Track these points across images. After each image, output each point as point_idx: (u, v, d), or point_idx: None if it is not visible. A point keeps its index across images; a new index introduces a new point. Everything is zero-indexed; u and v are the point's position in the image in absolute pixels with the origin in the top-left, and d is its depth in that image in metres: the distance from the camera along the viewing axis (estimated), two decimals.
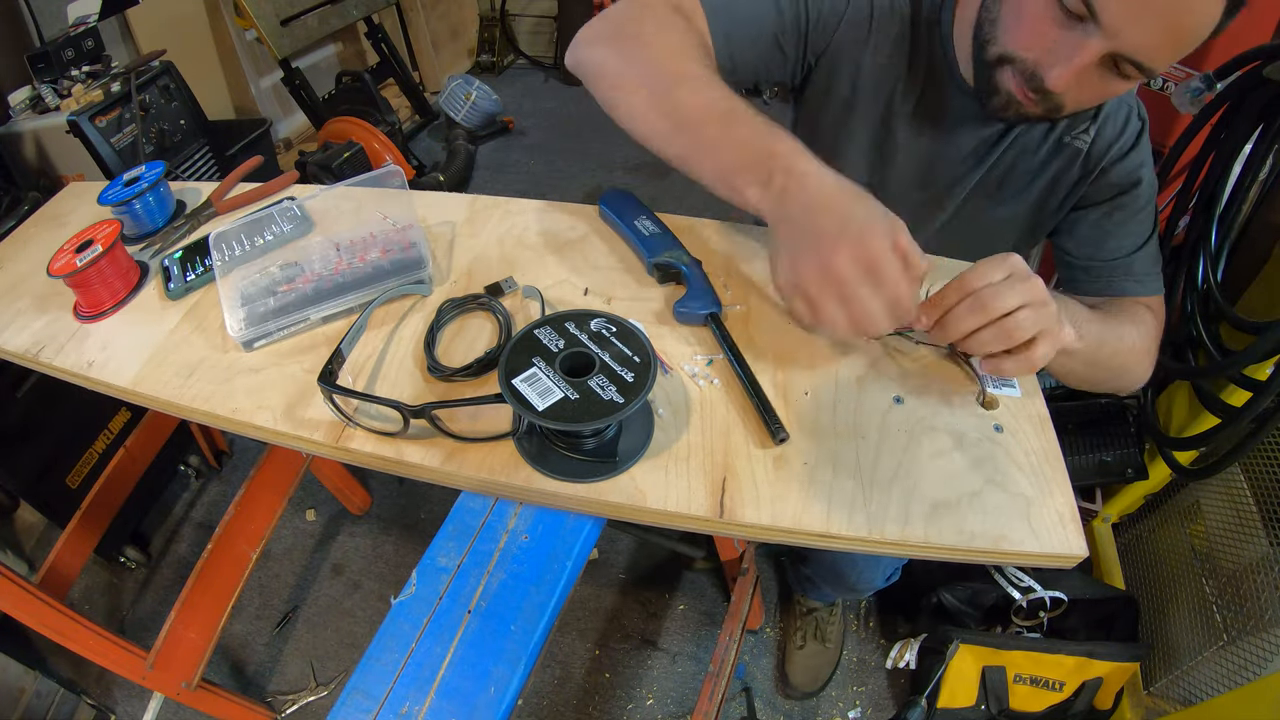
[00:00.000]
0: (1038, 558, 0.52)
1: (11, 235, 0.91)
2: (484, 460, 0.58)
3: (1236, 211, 1.08)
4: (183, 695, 1.13)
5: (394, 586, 1.04)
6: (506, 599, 0.54)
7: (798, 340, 0.67)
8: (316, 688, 1.38)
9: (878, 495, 0.54)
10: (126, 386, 0.67)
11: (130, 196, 0.83)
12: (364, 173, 0.84)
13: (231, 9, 2.39)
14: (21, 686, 1.25)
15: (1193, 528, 1.24)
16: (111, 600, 1.54)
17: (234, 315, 0.69)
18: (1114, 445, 1.31)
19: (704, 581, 1.52)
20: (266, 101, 2.74)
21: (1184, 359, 1.13)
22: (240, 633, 1.47)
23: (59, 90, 1.75)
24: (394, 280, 0.72)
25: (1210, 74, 1.12)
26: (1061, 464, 0.57)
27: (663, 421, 0.60)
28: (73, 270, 0.71)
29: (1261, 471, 1.10)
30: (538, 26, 3.68)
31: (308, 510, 1.68)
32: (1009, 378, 0.62)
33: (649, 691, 1.37)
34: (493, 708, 0.49)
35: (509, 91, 3.37)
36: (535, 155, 3.05)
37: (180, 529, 1.67)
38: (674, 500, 0.55)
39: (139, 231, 0.86)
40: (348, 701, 0.50)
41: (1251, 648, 1.02)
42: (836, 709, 1.34)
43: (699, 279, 0.70)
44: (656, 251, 0.73)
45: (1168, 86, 1.33)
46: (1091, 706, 1.21)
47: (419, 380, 0.65)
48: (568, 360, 0.56)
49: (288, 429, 0.62)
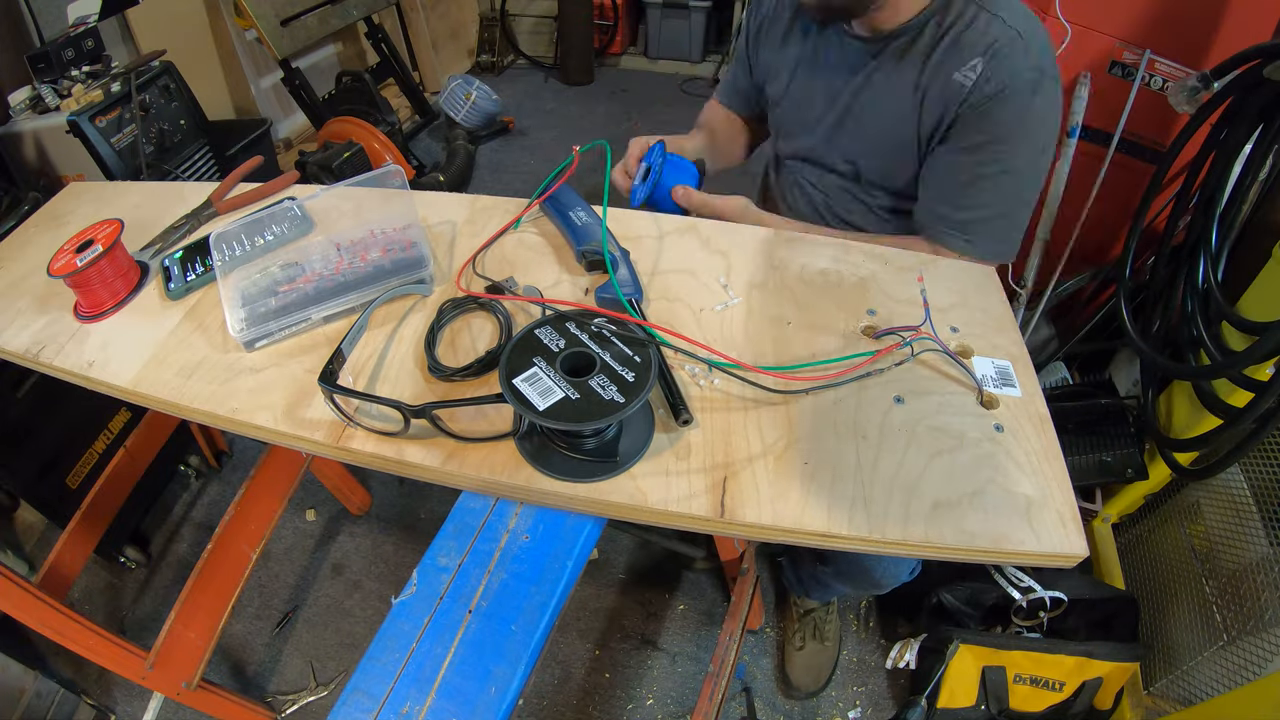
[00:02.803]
0: (1038, 557, 0.52)
1: (11, 235, 0.91)
2: (485, 460, 0.58)
3: (1236, 211, 1.09)
4: (183, 695, 1.13)
5: (394, 586, 1.04)
6: (507, 599, 0.54)
7: (798, 340, 0.67)
8: (316, 688, 1.38)
9: (878, 495, 0.54)
10: (126, 386, 0.67)
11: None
12: (364, 173, 0.84)
13: (231, 9, 2.39)
14: (21, 686, 1.25)
15: (1193, 528, 1.24)
16: (111, 600, 1.53)
17: (235, 315, 0.69)
18: (1114, 445, 1.31)
19: (704, 581, 1.52)
20: (266, 101, 2.74)
21: (1184, 359, 1.13)
22: (240, 633, 1.47)
23: (59, 90, 1.75)
24: (395, 280, 0.72)
25: (1208, 73, 1.12)
26: (1062, 464, 0.57)
27: (663, 421, 0.60)
28: (73, 270, 0.71)
29: (1261, 471, 1.10)
30: (538, 26, 3.68)
31: (308, 510, 1.68)
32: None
33: (649, 691, 1.37)
34: (493, 708, 0.49)
35: (509, 91, 3.37)
36: (535, 155, 3.05)
37: (180, 529, 1.67)
38: (674, 500, 0.55)
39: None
40: (348, 701, 0.50)
41: (1251, 648, 1.01)
42: (836, 709, 1.34)
43: (624, 267, 0.72)
44: (584, 240, 0.75)
45: (1166, 85, 1.34)
46: (1091, 706, 1.21)
47: (419, 380, 0.65)
48: (568, 360, 0.56)
49: (288, 429, 0.62)
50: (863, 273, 0.75)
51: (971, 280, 0.75)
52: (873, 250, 0.78)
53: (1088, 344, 1.54)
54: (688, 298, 0.72)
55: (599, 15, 3.46)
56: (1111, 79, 1.37)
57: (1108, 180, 1.40)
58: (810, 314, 0.70)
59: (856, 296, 0.72)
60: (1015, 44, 0.82)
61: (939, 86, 0.86)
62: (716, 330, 0.68)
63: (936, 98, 0.87)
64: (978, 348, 0.66)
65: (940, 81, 0.86)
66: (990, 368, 0.64)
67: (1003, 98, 0.82)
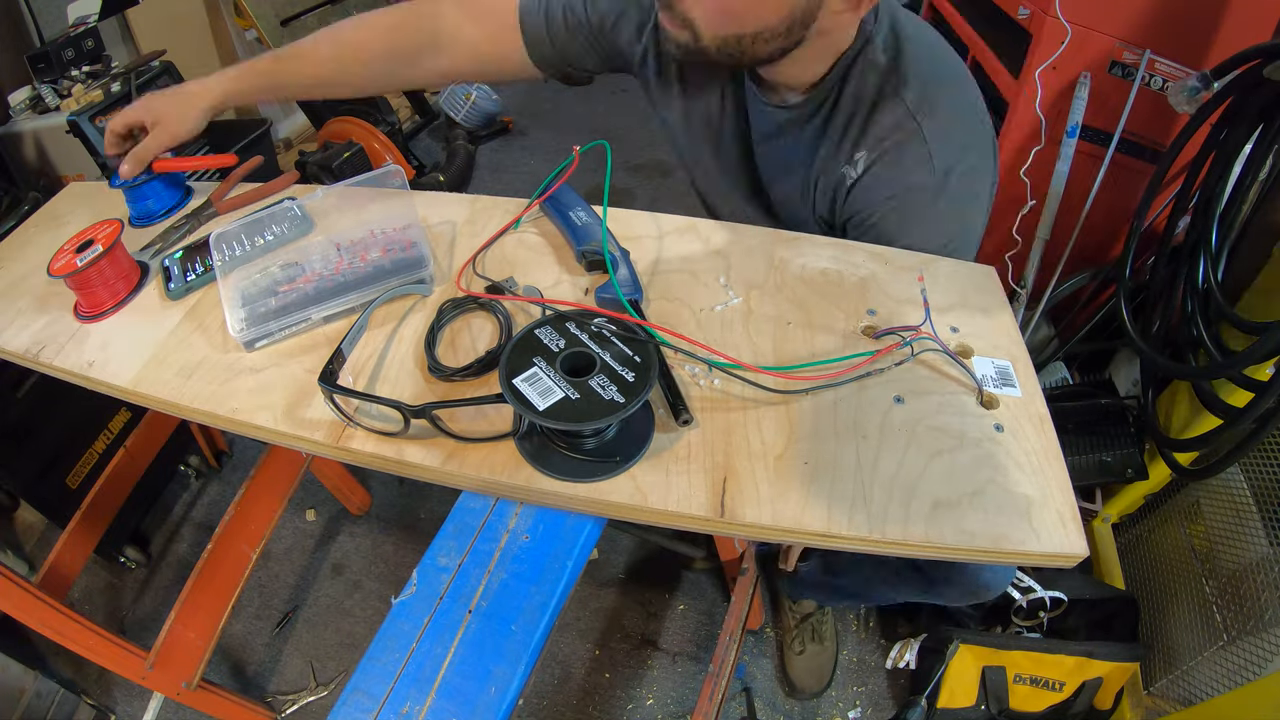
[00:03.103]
0: (1038, 557, 0.52)
1: (11, 235, 0.91)
2: (485, 460, 0.58)
3: (1236, 212, 1.08)
4: (183, 695, 1.13)
5: (394, 586, 1.04)
6: (507, 599, 0.54)
7: (798, 340, 0.67)
8: (316, 688, 1.38)
9: (878, 495, 0.54)
10: (126, 386, 0.67)
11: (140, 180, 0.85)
12: (364, 173, 0.84)
13: (231, 9, 2.39)
14: (21, 686, 1.25)
15: (1193, 528, 1.24)
16: (111, 600, 1.53)
17: (235, 315, 0.69)
18: (1114, 445, 1.31)
19: (704, 581, 1.52)
20: None
21: (1184, 359, 1.13)
22: (240, 633, 1.47)
23: (59, 90, 1.75)
24: (395, 280, 0.72)
25: (1207, 73, 1.12)
26: (1062, 464, 0.57)
27: (663, 421, 0.60)
28: (73, 270, 0.71)
29: (1261, 471, 1.10)
30: None
31: (308, 510, 1.68)
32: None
33: (649, 691, 1.37)
34: (493, 708, 0.49)
35: (509, 91, 3.36)
36: (535, 155, 3.05)
37: (180, 529, 1.67)
38: (675, 500, 0.55)
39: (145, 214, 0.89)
40: (348, 701, 0.50)
41: (1251, 648, 1.01)
42: (836, 709, 1.34)
43: (624, 267, 0.72)
44: (584, 240, 0.75)
45: (1166, 85, 1.34)
46: (1091, 706, 1.21)
47: (420, 380, 0.65)
48: (568, 360, 0.56)
49: (288, 429, 0.62)
50: (863, 273, 0.75)
51: (971, 280, 0.75)
52: (873, 250, 0.78)
53: (1088, 344, 1.54)
54: (688, 298, 0.72)
55: None
56: (1111, 79, 1.37)
57: (1107, 180, 1.40)
58: (810, 314, 0.70)
59: (856, 296, 0.72)
60: (910, 144, 0.71)
61: (830, 175, 0.77)
62: (716, 330, 0.68)
63: (825, 187, 0.78)
64: (978, 348, 0.66)
65: (832, 170, 0.77)
66: (990, 368, 0.64)
67: (892, 207, 0.74)
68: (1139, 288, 1.31)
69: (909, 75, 0.72)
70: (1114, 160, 1.40)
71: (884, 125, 0.72)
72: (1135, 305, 1.30)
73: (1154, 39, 1.32)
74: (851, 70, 0.73)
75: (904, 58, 0.72)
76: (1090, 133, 1.40)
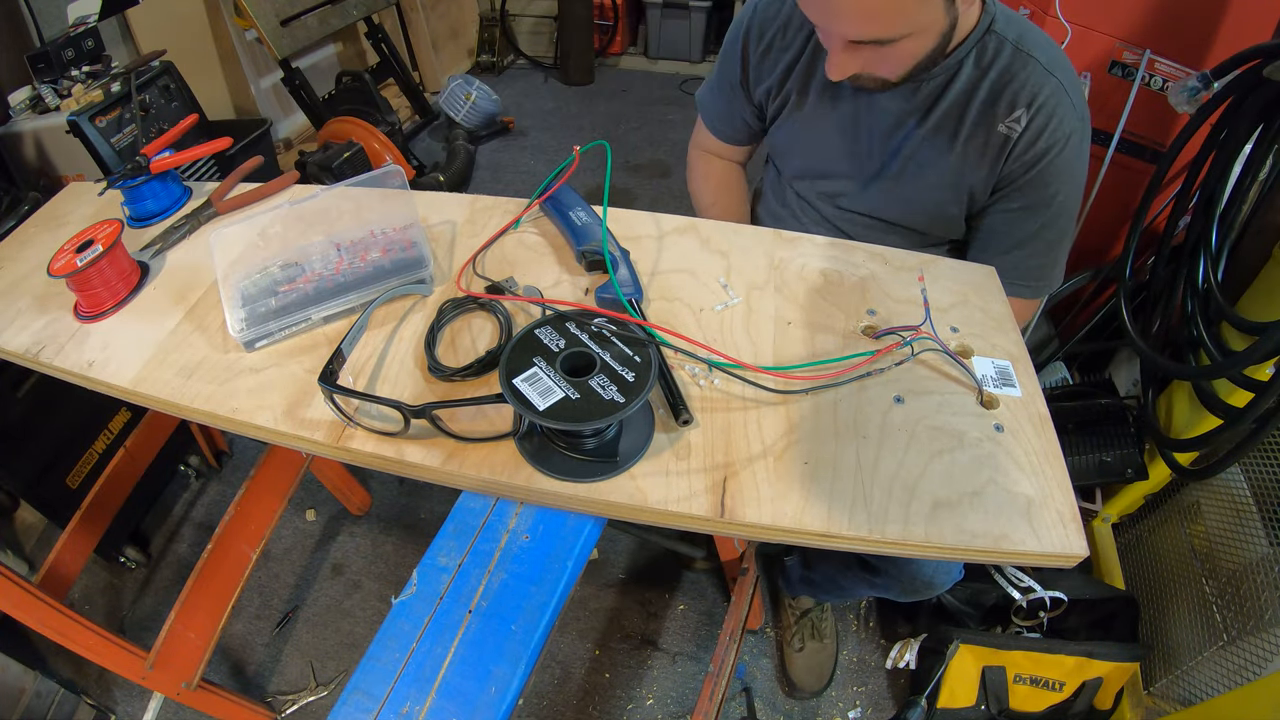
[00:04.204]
0: (1038, 557, 0.52)
1: (11, 235, 0.91)
2: (485, 460, 0.58)
3: (1236, 211, 1.08)
4: (183, 695, 1.13)
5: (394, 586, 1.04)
6: (507, 599, 0.54)
7: (798, 340, 0.67)
8: (316, 688, 1.38)
9: (878, 495, 0.54)
10: (126, 386, 0.67)
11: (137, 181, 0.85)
12: (364, 173, 0.84)
13: (231, 9, 2.39)
14: (21, 686, 1.25)
15: (1193, 528, 1.24)
16: (111, 600, 1.53)
17: (235, 315, 0.69)
18: (1114, 445, 1.31)
19: (704, 581, 1.52)
20: (266, 101, 2.74)
21: (1184, 359, 1.13)
22: (240, 633, 1.47)
23: (59, 90, 1.75)
24: (395, 280, 0.72)
25: (1208, 73, 1.12)
26: (1062, 464, 0.57)
27: (663, 421, 0.60)
28: (73, 270, 0.71)
29: (1261, 471, 1.10)
30: (538, 26, 3.67)
31: (308, 510, 1.67)
32: None
33: (649, 691, 1.37)
34: (493, 708, 0.49)
35: (509, 91, 3.37)
36: (535, 155, 3.05)
37: (180, 529, 1.67)
38: (675, 500, 0.55)
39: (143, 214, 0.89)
40: (348, 701, 0.50)
41: (1251, 648, 1.01)
42: (836, 709, 1.34)
43: (624, 267, 0.72)
44: (584, 240, 0.75)
45: (1166, 85, 1.33)
46: (1091, 706, 1.21)
47: (420, 380, 0.65)
48: (568, 360, 0.56)
49: (288, 429, 0.62)
50: (863, 273, 0.75)
51: (971, 280, 0.75)
52: (873, 250, 0.78)
53: (1088, 344, 1.54)
54: (688, 298, 0.72)
55: (599, 15, 3.45)
56: (1111, 79, 1.37)
57: (1108, 180, 1.40)
58: (810, 314, 0.70)
59: (856, 296, 0.72)
60: (1058, 97, 0.81)
61: (981, 139, 0.85)
62: (716, 330, 0.68)
63: (979, 150, 0.85)
64: (978, 348, 0.66)
65: (983, 135, 0.84)
66: (990, 368, 0.64)
67: (1053, 156, 0.82)
68: (1139, 288, 1.31)
69: (1025, 39, 0.82)
70: (1114, 160, 1.40)
71: (1032, 85, 0.81)
72: (1135, 305, 1.30)
73: (1154, 39, 1.32)
74: (986, 39, 0.83)
75: (1014, 24, 0.83)
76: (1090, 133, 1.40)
